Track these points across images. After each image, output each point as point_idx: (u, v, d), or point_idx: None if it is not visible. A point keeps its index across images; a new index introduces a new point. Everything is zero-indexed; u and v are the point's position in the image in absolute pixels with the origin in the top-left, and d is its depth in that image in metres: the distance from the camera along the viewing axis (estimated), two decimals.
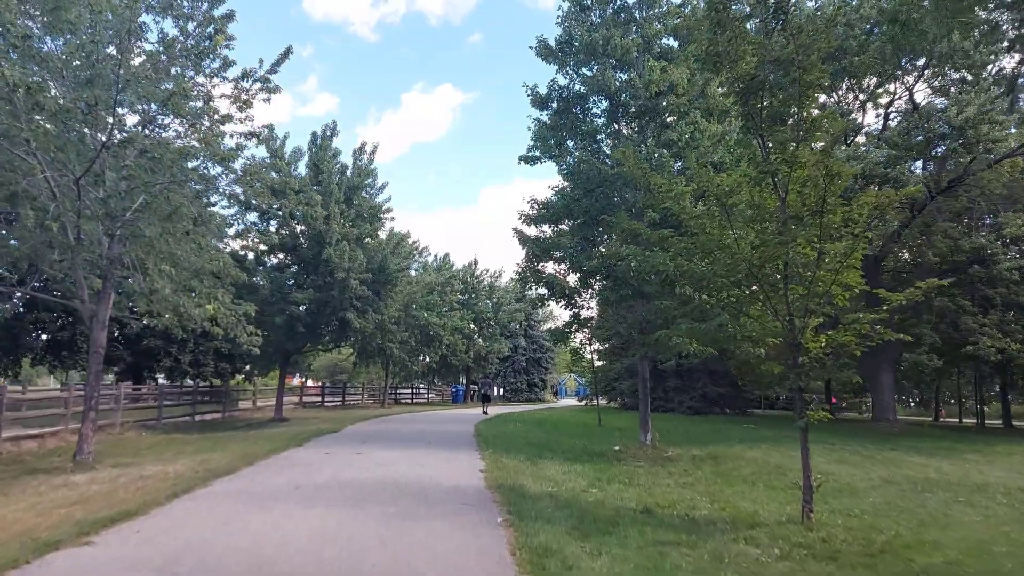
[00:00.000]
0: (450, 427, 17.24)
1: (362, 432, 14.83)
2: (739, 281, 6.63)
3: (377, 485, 7.57)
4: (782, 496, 8.35)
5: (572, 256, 12.68)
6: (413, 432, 15.11)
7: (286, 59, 10.48)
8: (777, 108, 6.84)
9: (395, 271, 18.04)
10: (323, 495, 6.85)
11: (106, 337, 8.56)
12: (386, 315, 18.16)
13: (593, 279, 12.76)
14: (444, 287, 28.76)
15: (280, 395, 18.35)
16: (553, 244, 13.11)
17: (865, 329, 6.65)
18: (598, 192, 12.17)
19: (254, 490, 7.10)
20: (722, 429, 19.89)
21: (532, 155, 13.68)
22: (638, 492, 8.23)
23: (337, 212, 16.58)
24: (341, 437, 13.36)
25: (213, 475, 8.04)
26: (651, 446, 13.05)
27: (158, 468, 8.78)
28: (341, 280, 16.31)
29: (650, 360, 14.38)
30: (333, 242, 16.25)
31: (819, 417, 6.75)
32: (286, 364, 18.82)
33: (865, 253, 6.72)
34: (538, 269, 13.43)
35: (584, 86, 13.00)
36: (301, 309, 16.45)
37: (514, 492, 7.32)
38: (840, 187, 6.32)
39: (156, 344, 23.99)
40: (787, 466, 11.09)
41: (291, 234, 17.11)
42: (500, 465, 9.42)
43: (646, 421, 13.30)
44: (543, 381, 48.86)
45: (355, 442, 12.35)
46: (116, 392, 14.18)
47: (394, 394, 36.36)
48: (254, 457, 9.66)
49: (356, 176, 18.16)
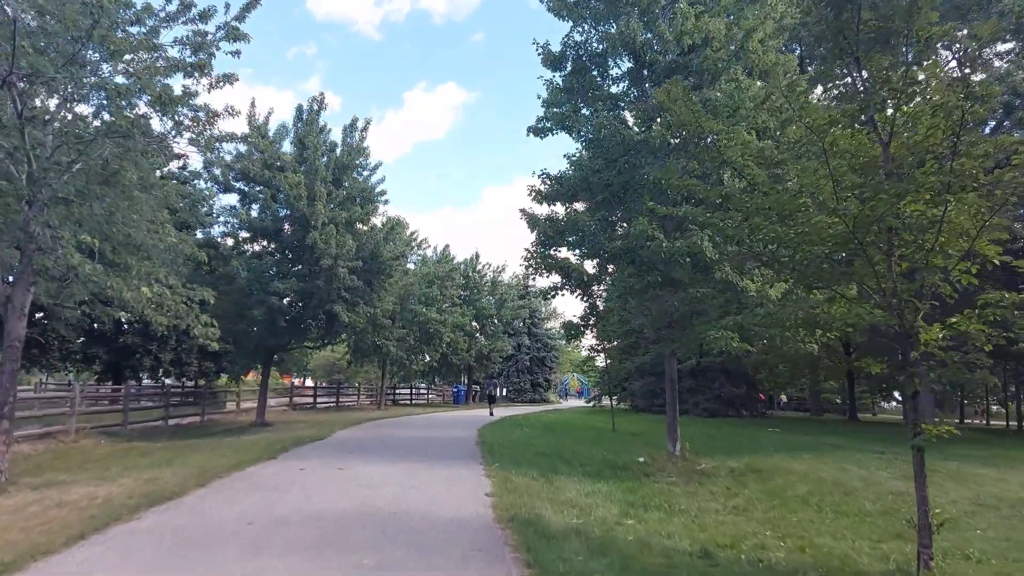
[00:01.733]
0: (451, 433, 15.56)
1: (351, 440, 13.15)
2: (837, 250, 4.94)
3: (355, 518, 5.89)
4: (867, 528, 6.66)
5: (591, 238, 10.98)
6: (409, 439, 13.43)
7: (257, 5, 8.84)
8: (879, 25, 5.14)
9: (389, 259, 16.27)
10: (280, 536, 5.17)
11: (24, 328, 6.88)
12: (379, 308, 16.42)
13: (615, 264, 11.07)
14: (444, 281, 27.04)
15: (263, 397, 16.64)
16: (568, 225, 11.42)
17: (1004, 315, 4.95)
18: (621, 163, 10.47)
19: (190, 528, 5.42)
20: (747, 434, 18.19)
21: (542, 126, 11.96)
22: (685, 524, 6.55)
23: (323, 193, 14.86)
24: (325, 446, 11.67)
25: (149, 502, 6.36)
26: (681, 457, 11.37)
27: (87, 490, 7.10)
28: (328, 268, 14.58)
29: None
30: (319, 226, 14.54)
31: (940, 432, 5.03)
32: (269, 363, 17.10)
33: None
34: (549, 254, 11.73)
35: (604, 43, 11.29)
36: (284, 301, 14.68)
37: (531, 528, 5.63)
38: (981, 117, 4.63)
39: (134, 342, 22.32)
40: (847, 483, 9.40)
41: (273, 218, 15.40)
42: (510, 485, 7.73)
43: (674, 428, 11.61)
44: (547, 381, 47.15)
45: (340, 453, 10.66)
46: (70, 394, 12.49)
47: (392, 395, 34.69)
48: (211, 475, 7.98)
49: (346, 155, 16.42)
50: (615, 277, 11.35)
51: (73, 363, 25.58)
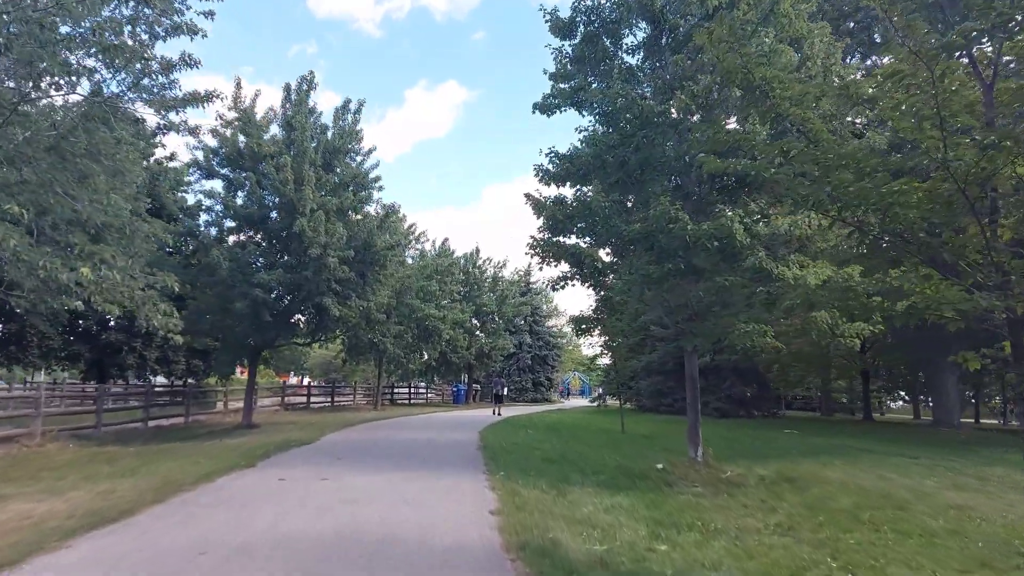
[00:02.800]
0: (450, 435, 14.55)
1: (341, 444, 12.14)
2: (936, 216, 3.91)
3: (336, 546, 4.87)
4: (942, 553, 5.63)
5: (604, 222, 9.96)
6: (405, 443, 12.41)
7: None
8: None
9: (383, 249, 15.19)
10: (237, 573, 4.14)
11: None
12: (373, 302, 15.37)
13: (629, 252, 10.04)
14: (444, 276, 25.98)
15: (249, 397, 15.59)
16: (579, 209, 10.41)
17: None
18: (639, 137, 9.43)
19: (128, 560, 4.40)
20: (764, 436, 17.16)
21: (549, 103, 10.92)
22: (727, 548, 5.52)
23: (312, 178, 13.80)
24: (312, 451, 10.66)
25: (91, 523, 5.34)
26: (704, 464, 10.36)
27: (25, 507, 6.08)
28: (316, 258, 13.50)
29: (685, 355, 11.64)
30: (307, 212, 13.49)
31: None
32: (256, 360, 16.02)
33: None
34: (558, 241, 10.71)
35: (618, 9, 10.25)
36: (271, 295, 13.61)
37: (547, 559, 4.61)
38: None
39: (118, 338, 21.26)
40: (894, 495, 8.36)
41: (259, 205, 14.36)
42: (518, 500, 6.72)
43: (696, 431, 10.59)
44: (549, 380, 46.09)
45: (328, 459, 9.65)
46: (34, 394, 11.46)
47: (390, 394, 33.67)
48: (175, 487, 6.96)
49: (338, 138, 15.37)
50: (631, 265, 10.31)
51: (57, 361, 24.55)
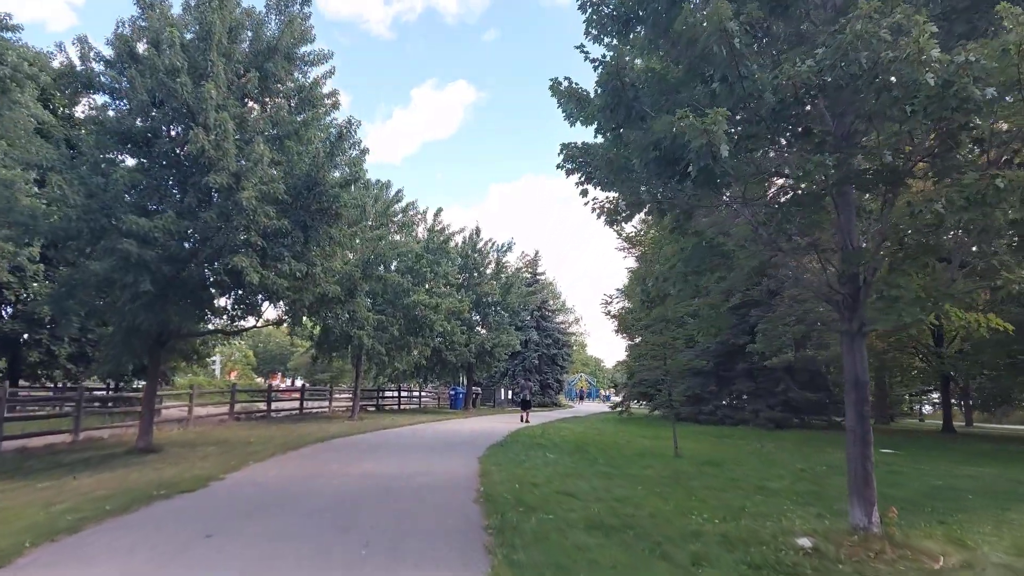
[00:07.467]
0: (437, 466, 9.80)
1: (253, 487, 7.40)
2: None
3: None
4: None
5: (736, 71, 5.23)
6: (355, 491, 7.62)
7: None
8: None
9: (333, 188, 10.22)
10: None
11: None
12: (320, 267, 10.43)
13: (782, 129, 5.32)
14: (437, 255, 21.24)
15: (149, 407, 10.69)
16: (651, 82, 5.72)
17: None
18: None
19: None
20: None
21: None
22: None
23: (221, 70, 8.96)
24: (180, 513, 5.89)
25: None
26: (879, 535, 5.66)
27: None
28: (223, 192, 8.58)
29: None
30: (209, 123, 8.66)
31: None
32: (157, 355, 10.96)
33: None
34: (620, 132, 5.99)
35: None
36: (155, 250, 8.48)
37: None
38: None
39: (14, 329, 16.50)
40: None
41: (142, 115, 9.51)
42: None
43: (864, 478, 5.90)
44: (559, 382, 41.24)
45: (188, 538, 4.90)
46: None
47: (377, 399, 28.89)
48: None
49: (286, 34, 10.44)
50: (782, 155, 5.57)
51: None
